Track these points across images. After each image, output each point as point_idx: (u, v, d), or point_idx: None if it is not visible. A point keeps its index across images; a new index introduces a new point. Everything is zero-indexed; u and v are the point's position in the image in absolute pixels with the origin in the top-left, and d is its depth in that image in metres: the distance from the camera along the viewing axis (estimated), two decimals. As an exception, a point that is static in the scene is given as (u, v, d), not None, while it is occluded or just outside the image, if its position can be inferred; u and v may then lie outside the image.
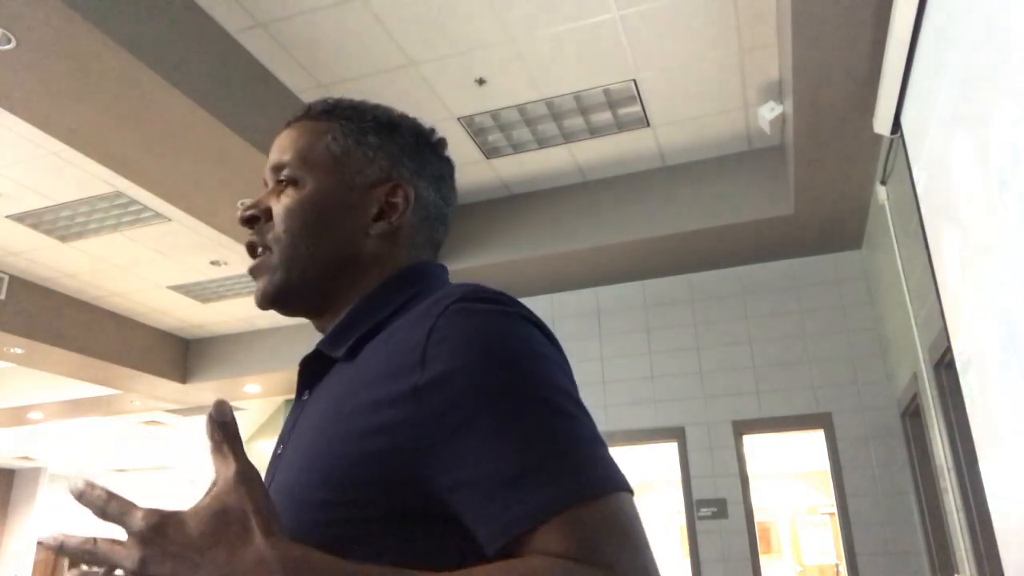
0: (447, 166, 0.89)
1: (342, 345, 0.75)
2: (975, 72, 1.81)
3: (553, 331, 0.72)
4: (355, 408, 0.65)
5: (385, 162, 0.83)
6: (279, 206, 0.81)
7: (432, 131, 0.89)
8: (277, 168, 0.82)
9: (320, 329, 0.83)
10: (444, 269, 0.85)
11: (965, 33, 1.86)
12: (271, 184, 0.83)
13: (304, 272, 0.79)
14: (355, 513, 0.62)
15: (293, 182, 0.81)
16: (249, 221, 0.82)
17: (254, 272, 0.82)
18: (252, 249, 0.82)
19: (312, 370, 0.79)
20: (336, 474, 0.63)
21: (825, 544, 11.30)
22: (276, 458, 0.76)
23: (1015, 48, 1.52)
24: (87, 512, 0.57)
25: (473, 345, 0.62)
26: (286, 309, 0.82)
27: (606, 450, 0.62)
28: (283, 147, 0.84)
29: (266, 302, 0.81)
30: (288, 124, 0.86)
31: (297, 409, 0.79)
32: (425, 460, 0.60)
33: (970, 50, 1.83)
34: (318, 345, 0.78)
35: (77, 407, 8.39)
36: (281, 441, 0.78)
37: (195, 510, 0.54)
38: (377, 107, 0.87)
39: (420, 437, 0.60)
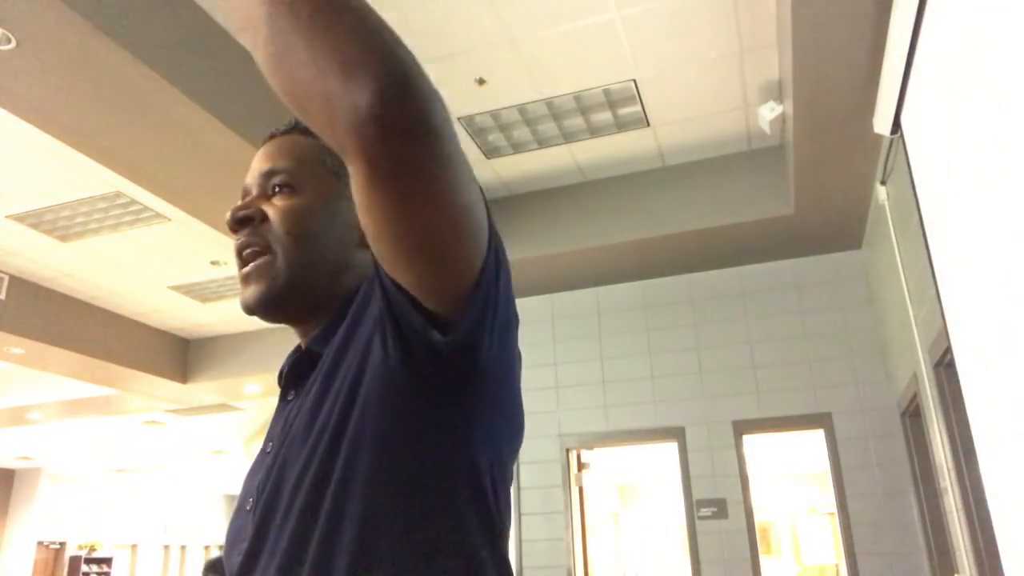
0: None
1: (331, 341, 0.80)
2: (975, 72, 1.81)
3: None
4: None
5: None
6: (278, 209, 0.82)
7: None
8: (270, 174, 0.84)
9: (301, 335, 0.85)
10: None
11: (965, 33, 1.86)
12: (257, 190, 0.84)
13: (306, 276, 0.81)
14: None
15: (290, 188, 0.82)
16: (242, 222, 0.82)
17: (251, 275, 0.81)
18: (244, 249, 0.82)
19: (302, 370, 0.81)
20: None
21: (825, 544, 11.30)
22: (265, 455, 0.78)
23: (1015, 48, 1.52)
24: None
25: None
26: (278, 313, 0.82)
27: None
28: (274, 156, 0.85)
29: (261, 305, 0.81)
30: (272, 137, 0.88)
31: (284, 409, 0.81)
32: None
33: (970, 50, 1.83)
34: (309, 344, 0.81)
35: (77, 407, 8.39)
36: (270, 439, 0.80)
37: None
38: None
39: None
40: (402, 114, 0.53)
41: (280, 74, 0.55)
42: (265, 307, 0.81)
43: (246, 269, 0.82)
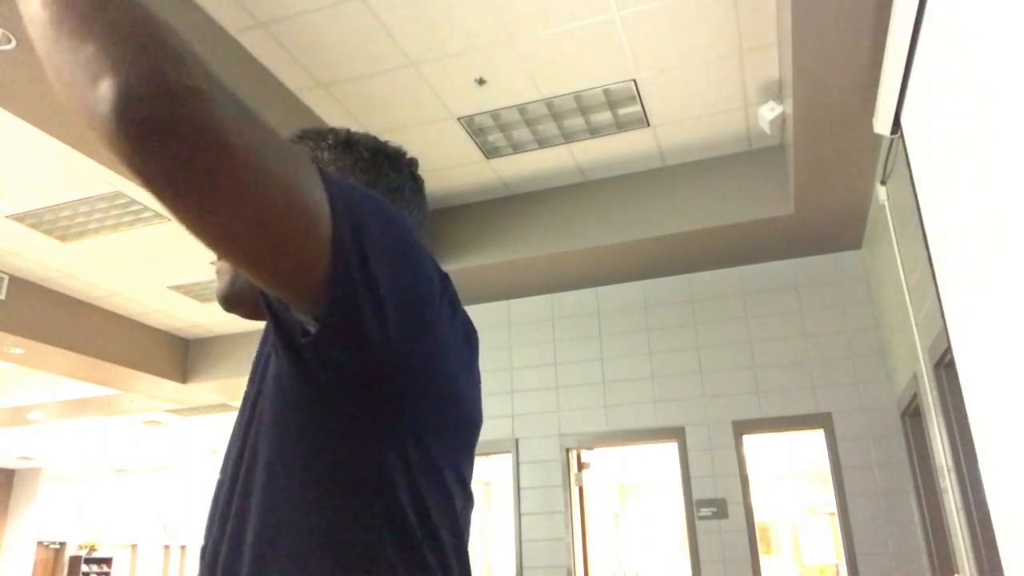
0: (408, 180, 0.92)
1: None
2: (975, 72, 1.81)
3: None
4: None
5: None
6: None
7: (394, 150, 0.93)
8: None
9: None
10: None
11: (965, 33, 1.86)
12: None
13: None
14: None
15: None
16: None
17: (216, 276, 0.90)
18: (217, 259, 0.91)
19: None
20: None
21: (825, 544, 11.30)
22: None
23: (1015, 47, 1.52)
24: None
25: None
26: (238, 306, 0.88)
27: None
28: None
29: (220, 301, 0.88)
30: None
31: None
32: None
33: (970, 50, 1.83)
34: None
35: (77, 407, 8.39)
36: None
37: None
38: (341, 130, 0.92)
39: None
40: (151, 112, 0.47)
41: (51, 79, 0.53)
42: (222, 301, 0.88)
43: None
